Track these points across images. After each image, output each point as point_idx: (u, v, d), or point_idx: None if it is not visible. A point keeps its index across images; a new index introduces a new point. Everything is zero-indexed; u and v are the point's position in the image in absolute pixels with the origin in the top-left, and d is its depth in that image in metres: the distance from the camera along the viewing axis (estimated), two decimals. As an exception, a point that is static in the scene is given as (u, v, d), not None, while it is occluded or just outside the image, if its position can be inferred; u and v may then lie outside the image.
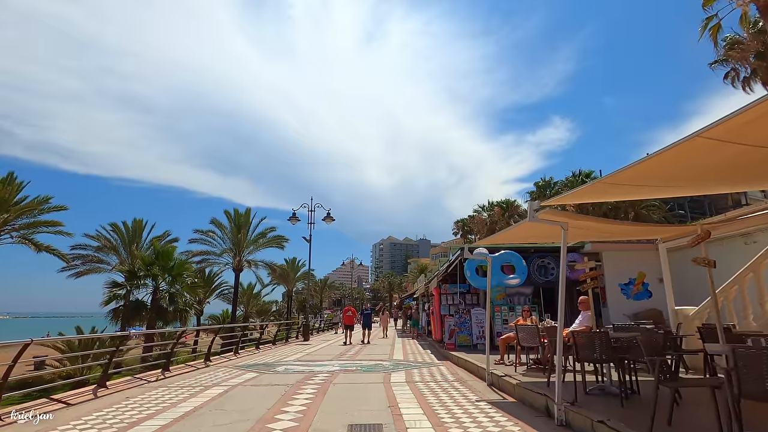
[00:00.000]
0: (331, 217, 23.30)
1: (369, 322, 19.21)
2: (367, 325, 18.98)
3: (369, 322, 19.21)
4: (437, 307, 14.50)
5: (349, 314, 18.78)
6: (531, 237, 8.26)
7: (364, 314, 19.71)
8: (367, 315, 19.61)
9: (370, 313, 19.97)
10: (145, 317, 18.21)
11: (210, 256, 30.29)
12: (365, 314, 19.68)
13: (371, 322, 19.49)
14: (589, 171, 34.23)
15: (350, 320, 18.55)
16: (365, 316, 19.44)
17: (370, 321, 19.41)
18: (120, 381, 8.14)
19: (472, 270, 12.62)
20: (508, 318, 12.49)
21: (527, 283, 12.66)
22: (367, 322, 19.11)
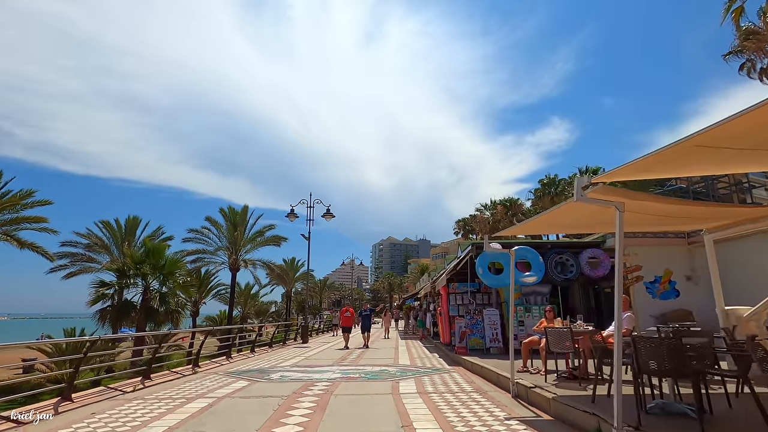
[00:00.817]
0: (331, 214, 22.32)
1: (368, 324, 17.10)
2: (366, 327, 16.94)
3: (368, 324, 17.10)
4: (445, 308, 13.51)
5: (347, 315, 16.88)
6: (573, 225, 6.98)
7: (363, 315, 17.38)
8: (366, 316, 17.28)
9: (369, 315, 17.56)
10: (133, 318, 17.19)
11: (205, 255, 29.31)
12: (364, 315, 17.36)
13: (371, 323, 17.46)
14: (597, 167, 33.22)
15: (348, 322, 16.79)
16: (364, 318, 17.24)
17: (370, 323, 17.29)
18: (90, 392, 7.13)
19: (485, 267, 11.61)
20: (524, 319, 11.50)
21: (544, 282, 11.67)
22: (367, 324, 17.04)
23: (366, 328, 16.98)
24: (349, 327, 16.81)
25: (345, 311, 17.22)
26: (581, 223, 6.43)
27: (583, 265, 11.81)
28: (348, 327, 16.79)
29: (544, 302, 11.88)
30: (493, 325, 11.53)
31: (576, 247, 12.23)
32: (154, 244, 19.22)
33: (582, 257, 11.91)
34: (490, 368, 8.18)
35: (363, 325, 17.16)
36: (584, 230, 9.36)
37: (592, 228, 8.47)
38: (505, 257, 11.85)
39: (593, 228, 8.55)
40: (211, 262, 29.93)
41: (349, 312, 17.08)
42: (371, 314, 17.94)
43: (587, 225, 6.60)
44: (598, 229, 9.55)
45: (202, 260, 29.04)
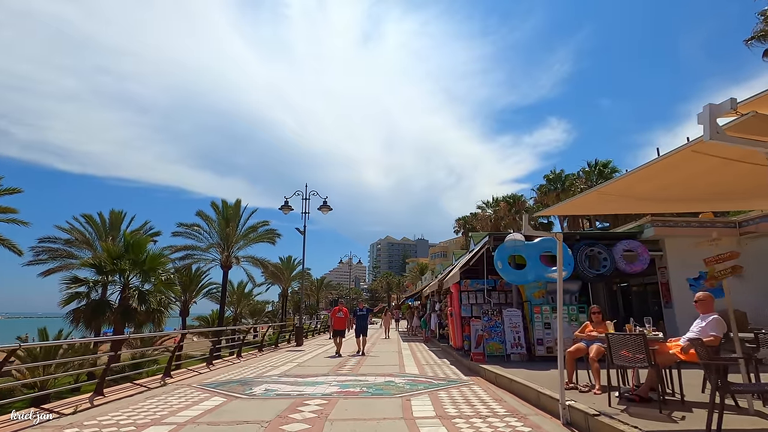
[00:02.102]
0: (328, 206, 20.73)
1: (364, 326, 14.43)
2: (361, 330, 14.28)
3: (364, 326, 14.43)
4: (457, 308, 11.95)
5: (340, 316, 14.03)
6: (679, 197, 4.54)
7: (358, 316, 14.62)
8: (361, 317, 14.58)
9: (365, 315, 14.83)
10: (109, 319, 15.58)
11: (195, 251, 27.55)
12: (359, 316, 14.61)
13: (368, 325, 14.83)
14: (607, 161, 31.82)
15: (341, 324, 14.02)
16: (359, 319, 14.52)
17: (367, 325, 14.64)
18: (14, 416, 5.52)
19: (504, 260, 10.08)
20: (551, 321, 9.95)
21: (573, 278, 10.14)
22: (362, 326, 14.38)
23: (361, 330, 14.31)
24: (342, 330, 14.12)
25: (337, 311, 14.20)
26: (693, 193, 4.44)
27: (617, 258, 10.28)
28: (341, 330, 14.07)
29: (572, 301, 10.34)
30: (514, 327, 9.97)
31: (609, 238, 10.70)
32: (135, 237, 17.60)
33: (616, 250, 10.37)
34: (525, 383, 6.61)
35: (358, 327, 14.44)
36: (697, 207, 7.12)
37: (711, 204, 6.37)
38: (529, 249, 10.31)
39: (713, 204, 6.37)
40: (201, 259, 28.20)
41: (342, 312, 14.15)
42: (368, 314, 15.10)
43: (706, 196, 4.64)
44: (720, 206, 7.25)
45: (192, 257, 27.33)
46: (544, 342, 9.77)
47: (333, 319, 14.15)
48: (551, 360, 9.62)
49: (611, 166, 31.48)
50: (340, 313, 14.12)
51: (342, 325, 14.14)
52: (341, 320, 14.11)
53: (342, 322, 14.13)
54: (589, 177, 31.90)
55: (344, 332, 14.42)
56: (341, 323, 14.10)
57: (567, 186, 35.25)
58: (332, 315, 14.28)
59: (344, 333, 14.43)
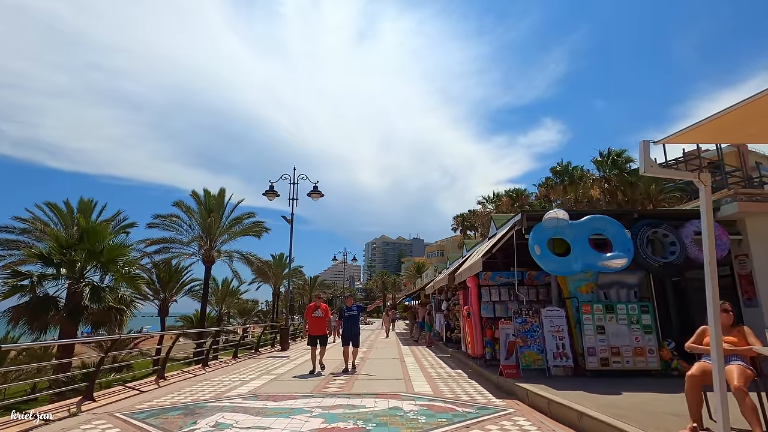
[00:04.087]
0: (319, 192, 18.33)
1: (355, 330, 10.12)
2: (351, 335, 10.02)
3: (355, 330, 10.12)
4: (475, 307, 9.59)
5: (318, 315, 9.99)
6: None
7: (347, 317, 10.21)
8: (351, 318, 10.19)
9: (356, 315, 10.40)
10: (54, 318, 13.08)
11: (173, 244, 25.04)
12: (348, 317, 10.19)
13: (359, 329, 10.36)
14: (621, 150, 29.57)
15: (319, 326, 10.04)
16: (348, 321, 10.15)
17: (358, 329, 10.26)
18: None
19: (543, 244, 7.75)
20: (606, 324, 7.61)
21: (632, 268, 7.81)
22: (352, 332, 10.06)
23: (351, 337, 9.98)
24: (322, 336, 10.06)
25: (313, 308, 10.12)
26: None
27: (687, 243, 7.96)
28: (320, 335, 10.01)
29: (631, 298, 8.00)
30: (557, 332, 7.62)
31: (675, 217, 8.38)
32: (92, 223, 15.11)
33: (685, 232, 8.06)
34: (614, 424, 4.24)
35: (346, 332, 10.12)
36: None
37: None
38: (574, 231, 7.96)
39: None
40: (180, 253, 25.68)
41: (320, 309, 10.01)
42: (359, 314, 10.73)
43: None
44: None
45: (169, 250, 24.78)
46: (597, 351, 7.43)
47: (309, 321, 10.19)
48: (609, 376, 7.30)
49: (625, 155, 29.29)
50: (318, 311, 10.00)
51: (321, 328, 10.05)
52: (319, 321, 10.01)
53: (321, 323, 10.04)
54: (602, 167, 29.67)
55: (326, 338, 10.27)
56: (320, 325, 10.03)
57: (577, 178, 33.04)
58: (307, 314, 10.23)
59: (326, 339, 10.28)
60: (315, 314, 10.06)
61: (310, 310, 10.21)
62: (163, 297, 28.67)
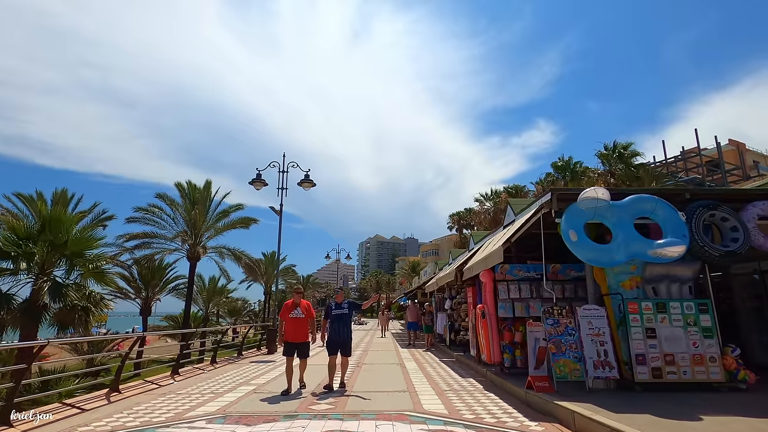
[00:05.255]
0: (311, 181, 16.92)
1: (346, 335, 7.52)
2: (340, 341, 7.45)
3: (346, 335, 7.52)
4: (491, 305, 8.20)
5: (296, 316, 7.36)
6: None
7: (335, 316, 7.58)
8: (340, 318, 7.55)
9: (348, 314, 7.63)
10: (5, 318, 11.50)
11: (155, 239, 23.38)
12: (336, 316, 7.57)
13: (351, 332, 7.68)
14: (627, 143, 28.32)
15: (298, 330, 7.32)
16: (336, 322, 7.54)
17: (349, 333, 7.62)
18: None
19: (579, 229, 6.38)
20: (657, 327, 6.25)
21: (685, 258, 6.45)
22: (342, 336, 7.47)
23: (340, 343, 7.42)
24: (301, 344, 7.34)
25: (291, 306, 7.48)
26: None
27: (750, 229, 6.62)
28: (298, 344, 7.31)
29: (685, 294, 6.66)
30: (597, 335, 6.23)
31: (734, 198, 7.03)
32: (54, 212, 13.53)
33: (746, 215, 6.72)
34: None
35: (333, 336, 7.47)
36: None
37: None
38: (616, 213, 6.60)
39: None
40: (162, 249, 24.03)
41: (300, 308, 7.41)
42: (351, 313, 7.67)
43: None
44: None
45: (150, 245, 23.11)
46: (648, 359, 6.06)
47: (285, 323, 7.38)
48: (663, 389, 5.95)
49: (632, 149, 28.11)
50: (296, 310, 7.37)
51: (300, 332, 7.29)
52: (299, 324, 7.28)
53: (300, 327, 7.29)
54: (607, 161, 28.47)
55: (307, 347, 7.42)
56: (299, 329, 7.28)
57: (580, 173, 31.86)
58: (283, 314, 7.46)
59: (307, 348, 7.43)
60: (293, 314, 7.34)
61: (287, 309, 7.48)
62: (145, 295, 27.01)
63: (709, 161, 33.35)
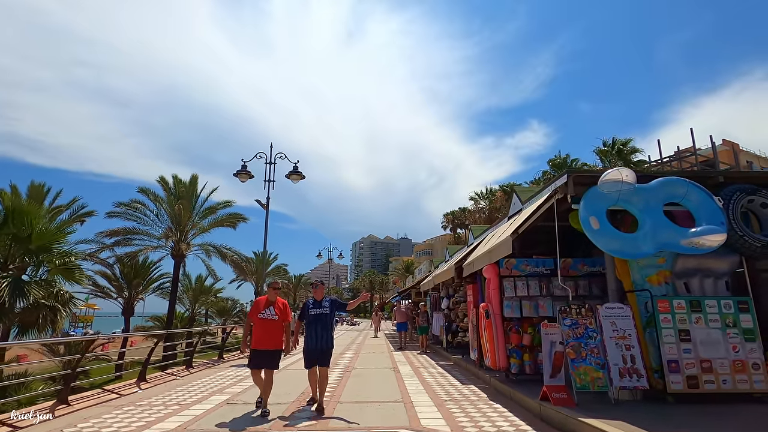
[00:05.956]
0: (299, 173, 15.96)
1: (325, 342, 5.68)
2: (316, 352, 5.64)
3: (325, 342, 5.68)
4: (496, 304, 7.34)
5: (268, 317, 5.67)
6: None
7: (312, 317, 5.75)
8: (319, 321, 5.73)
9: (328, 315, 5.78)
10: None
11: (137, 236, 22.28)
12: (315, 318, 5.74)
13: (331, 338, 5.80)
14: (627, 139, 27.67)
15: (269, 336, 5.64)
16: (315, 324, 5.72)
17: (330, 339, 5.77)
18: None
19: (602, 215, 5.54)
20: (691, 330, 5.41)
21: (721, 250, 5.62)
22: (320, 343, 5.65)
23: (317, 352, 5.66)
24: (271, 353, 5.64)
25: (263, 304, 5.81)
26: None
27: (793, 217, 5.81)
28: (270, 353, 5.63)
29: (721, 290, 5.83)
30: (622, 338, 5.38)
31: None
32: (17, 203, 12.46)
33: (788, 202, 5.91)
34: None
35: (311, 342, 5.69)
36: None
37: None
38: (645, 197, 5.73)
39: None
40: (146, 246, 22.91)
41: (273, 309, 5.75)
42: (333, 313, 5.86)
43: None
44: None
45: (132, 242, 22.02)
46: (682, 366, 5.22)
47: (252, 323, 5.82)
48: (700, 401, 5.12)
49: (631, 145, 27.47)
50: (269, 310, 5.72)
51: (272, 337, 5.66)
52: (268, 327, 5.66)
53: (271, 330, 5.66)
54: (606, 157, 27.81)
55: (275, 358, 5.68)
56: (270, 333, 5.65)
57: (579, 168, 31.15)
58: (252, 314, 5.89)
59: (275, 360, 5.68)
60: (263, 315, 5.65)
61: (257, 307, 5.81)
62: (127, 295, 25.85)
63: (704, 161, 32.94)
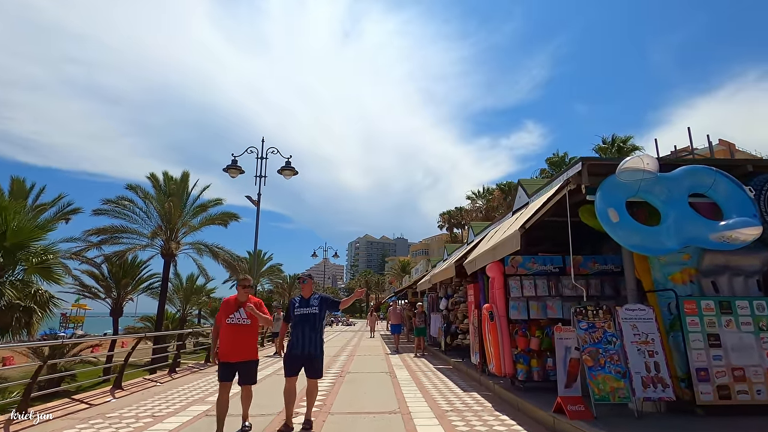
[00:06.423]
0: (292, 169, 15.36)
1: (315, 347, 4.73)
2: (303, 359, 4.72)
3: (315, 347, 4.73)
4: (501, 305, 6.78)
5: (238, 322, 4.57)
6: None
7: (299, 317, 4.78)
8: (306, 321, 4.75)
9: (317, 315, 4.82)
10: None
11: (125, 234, 21.59)
12: (301, 317, 4.78)
13: (321, 342, 4.83)
14: (627, 137, 27.28)
15: (239, 345, 4.56)
16: (301, 324, 4.74)
17: (320, 343, 4.81)
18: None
19: (621, 207, 4.99)
20: (721, 334, 4.87)
21: (752, 246, 5.08)
22: (308, 348, 4.69)
23: (303, 359, 4.72)
24: (246, 364, 4.61)
25: (232, 306, 4.65)
26: None
27: (829, 209, 5.28)
28: (242, 364, 4.58)
29: (752, 290, 5.29)
30: (645, 343, 4.83)
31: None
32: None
33: (823, 193, 5.39)
34: None
35: (297, 346, 4.70)
36: None
37: None
38: (668, 186, 5.20)
39: None
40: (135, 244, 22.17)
41: (243, 312, 4.59)
42: (323, 312, 4.88)
43: None
44: None
45: (119, 240, 21.32)
46: (712, 375, 4.68)
47: (219, 327, 4.69)
48: (733, 414, 4.57)
49: (630, 143, 27.06)
50: (238, 313, 4.60)
51: (242, 347, 4.60)
52: (239, 333, 4.58)
53: (242, 337, 4.60)
54: (605, 155, 27.36)
55: (252, 369, 4.68)
56: (240, 341, 4.58)
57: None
58: (219, 317, 4.69)
59: (252, 372, 4.69)
60: (232, 319, 4.55)
61: (225, 309, 4.65)
62: (116, 295, 25.13)
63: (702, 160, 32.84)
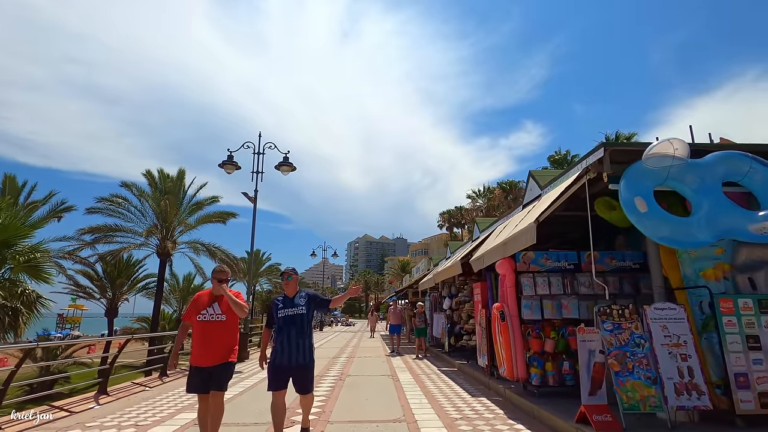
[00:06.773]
0: (290, 165, 14.96)
1: (303, 354, 4.00)
2: (288, 368, 3.97)
3: (303, 354, 4.00)
4: (513, 305, 6.32)
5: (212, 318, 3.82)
6: None
7: (283, 319, 4.04)
8: (292, 323, 4.02)
9: (304, 317, 4.07)
10: None
11: (120, 233, 21.11)
12: (286, 320, 4.04)
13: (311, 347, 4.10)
14: (631, 134, 26.88)
15: (213, 348, 3.76)
16: (286, 328, 4.01)
17: (310, 348, 4.10)
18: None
19: (649, 196, 4.54)
20: (761, 335, 4.42)
21: (792, 238, 4.64)
22: (296, 356, 3.97)
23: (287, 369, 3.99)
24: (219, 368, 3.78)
25: (204, 302, 3.91)
26: None
27: None
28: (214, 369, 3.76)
29: (793, 289, 4.84)
30: (676, 346, 4.38)
31: None
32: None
33: None
34: None
35: (282, 356, 3.97)
36: None
37: None
38: (700, 174, 4.74)
39: None
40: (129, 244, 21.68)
41: (218, 306, 3.89)
42: (310, 313, 4.17)
43: None
44: None
45: (113, 239, 20.83)
46: (752, 381, 4.24)
47: (191, 327, 3.98)
48: (780, 426, 4.11)
49: (635, 140, 26.61)
50: (212, 309, 3.87)
51: (216, 348, 3.79)
52: (213, 332, 3.80)
53: (216, 336, 3.81)
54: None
55: (225, 374, 3.83)
56: (212, 341, 3.78)
57: (579, 166, 30.31)
58: (188, 315, 3.93)
59: (224, 377, 3.83)
60: (204, 315, 3.84)
61: (196, 305, 3.94)
62: (111, 295, 24.65)
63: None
